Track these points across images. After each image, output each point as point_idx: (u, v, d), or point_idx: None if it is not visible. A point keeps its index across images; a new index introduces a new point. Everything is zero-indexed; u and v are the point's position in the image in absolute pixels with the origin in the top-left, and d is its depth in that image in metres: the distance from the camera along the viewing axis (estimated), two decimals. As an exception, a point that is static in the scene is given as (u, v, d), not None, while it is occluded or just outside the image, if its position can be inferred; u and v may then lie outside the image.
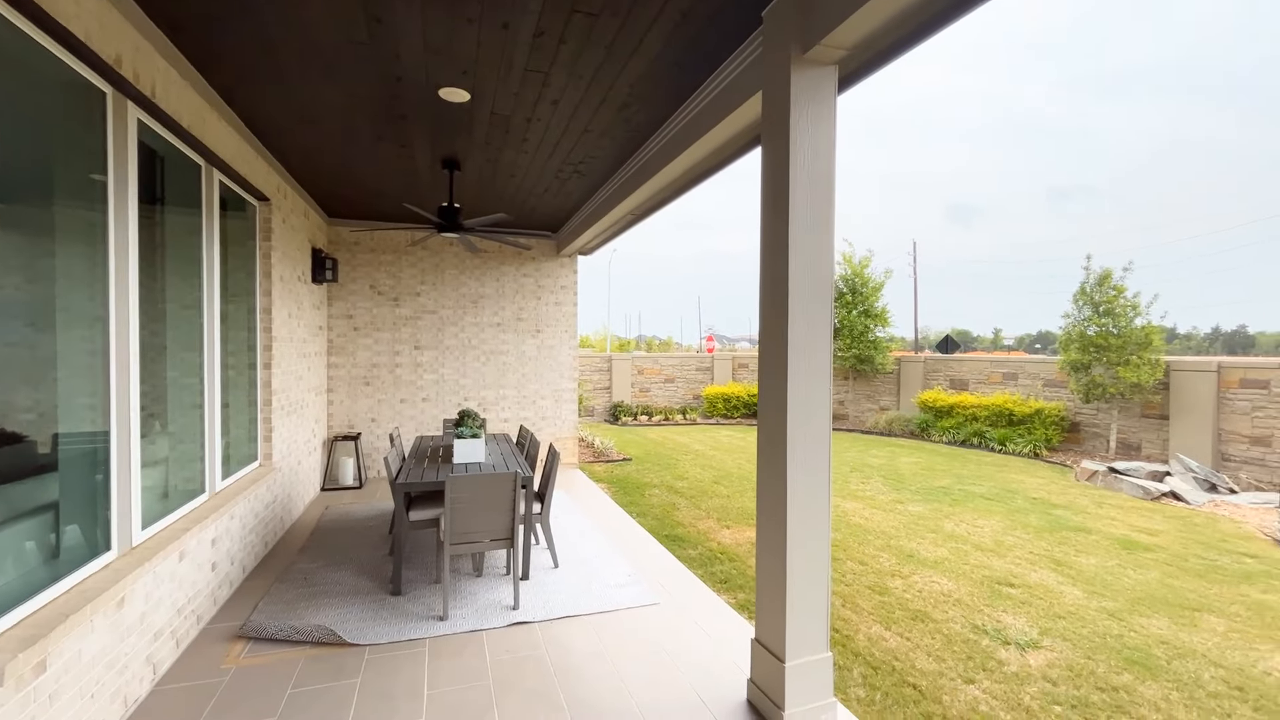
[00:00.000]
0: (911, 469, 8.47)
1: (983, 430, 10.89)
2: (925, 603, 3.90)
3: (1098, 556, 4.88)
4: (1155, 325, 9.11)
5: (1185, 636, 3.51)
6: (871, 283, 13.88)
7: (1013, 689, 2.90)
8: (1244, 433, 8.38)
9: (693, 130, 3.41)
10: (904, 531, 5.46)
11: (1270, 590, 4.23)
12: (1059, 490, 7.33)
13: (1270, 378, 8.16)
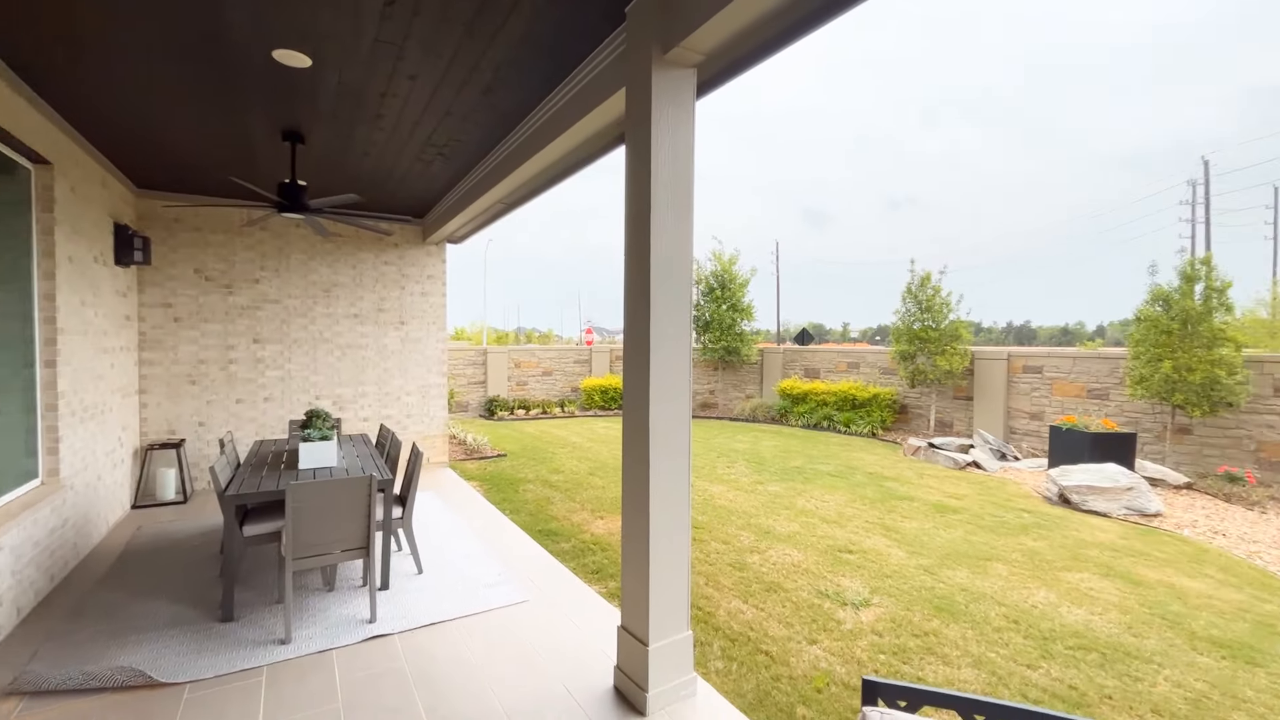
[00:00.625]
0: (772, 452, 9.18)
1: (831, 414, 12.10)
2: (779, 574, 4.27)
3: (918, 521, 5.65)
4: (964, 320, 10.69)
5: (979, 583, 4.19)
6: (739, 279, 14.77)
7: (848, 645, 3.28)
8: (1025, 410, 10.15)
9: (561, 120, 3.37)
10: (763, 510, 5.91)
11: (1039, 539, 5.18)
12: (890, 465, 8.37)
13: (1042, 364, 9.97)
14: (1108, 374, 9.09)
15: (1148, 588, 4.15)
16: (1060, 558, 4.72)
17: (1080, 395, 9.49)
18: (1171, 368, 7.50)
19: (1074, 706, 2.78)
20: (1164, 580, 4.29)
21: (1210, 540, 5.28)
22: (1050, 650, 3.28)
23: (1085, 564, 4.59)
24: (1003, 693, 2.89)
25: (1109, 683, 2.97)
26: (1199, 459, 8.05)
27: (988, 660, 3.16)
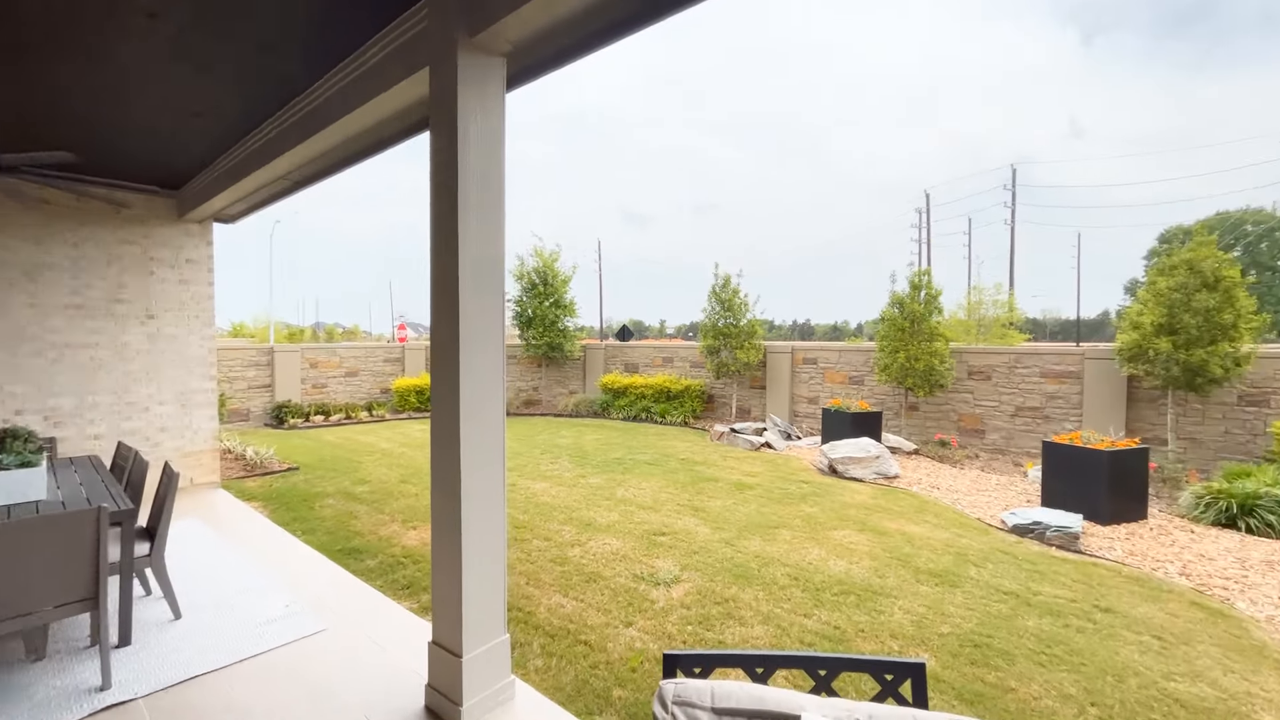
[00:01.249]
0: (594, 445, 9.42)
1: (649, 406, 12.82)
2: (599, 564, 4.41)
3: (721, 499, 6.26)
4: (759, 319, 12.09)
5: (769, 549, 4.79)
6: (561, 276, 14.84)
7: (660, 622, 3.51)
8: (805, 395, 11.85)
9: (359, 93, 3.04)
10: (584, 503, 6.05)
11: (815, 505, 6.10)
12: (699, 450, 9.15)
13: (817, 356, 11.73)
14: (863, 364, 11.02)
15: (889, 536, 5.14)
16: (830, 519, 5.61)
17: (844, 382, 11.35)
18: (905, 358, 9.36)
19: (837, 643, 3.33)
20: (899, 529, 5.35)
21: (929, 493, 6.72)
22: (821, 599, 3.89)
23: (847, 523, 5.52)
24: (785, 642, 3.34)
25: (862, 619, 3.62)
26: (923, 430, 10.17)
27: (775, 615, 3.64)
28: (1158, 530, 5.40)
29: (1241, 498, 5.43)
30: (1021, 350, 9.71)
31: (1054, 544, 5.03)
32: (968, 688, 2.91)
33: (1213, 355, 7.09)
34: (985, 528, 5.48)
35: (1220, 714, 2.73)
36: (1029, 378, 9.33)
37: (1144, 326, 7.66)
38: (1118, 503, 5.58)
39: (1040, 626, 3.54)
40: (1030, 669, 3.09)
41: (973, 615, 3.67)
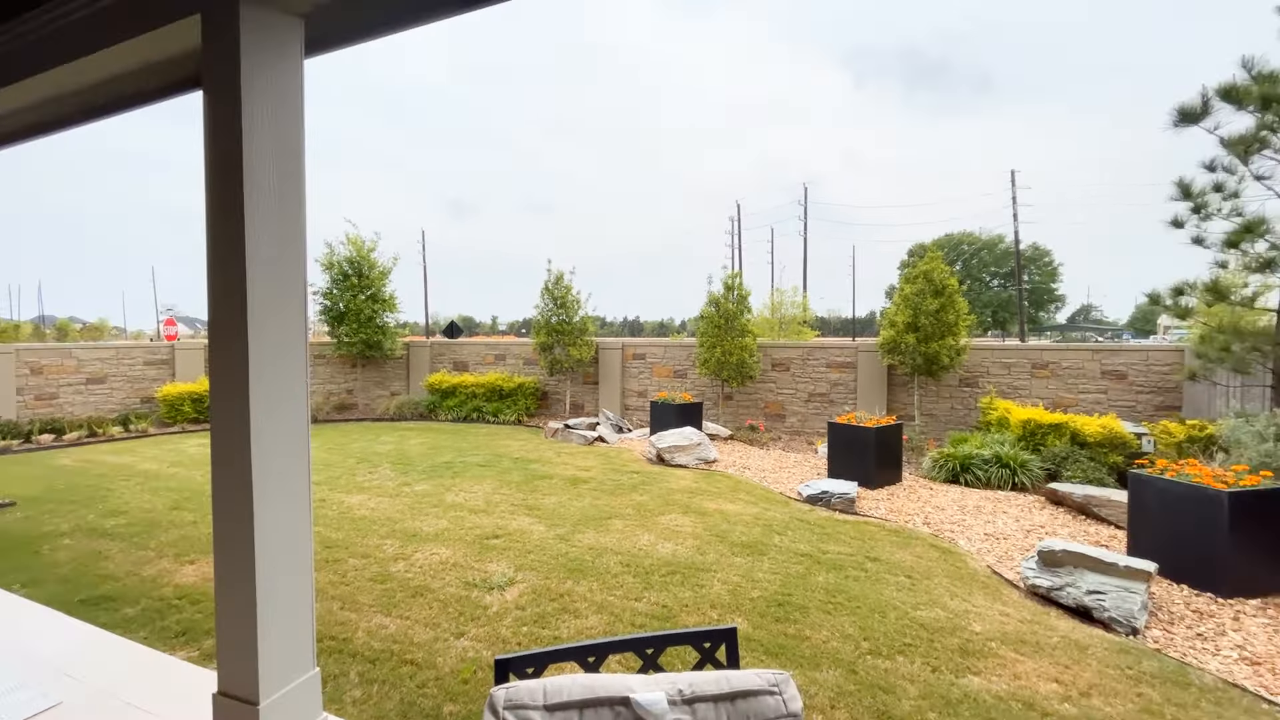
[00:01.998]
0: (419, 449, 8.81)
1: (480, 405, 12.35)
2: (426, 576, 4.15)
3: (556, 495, 6.29)
4: (591, 316, 12.33)
5: (602, 539, 4.94)
6: (380, 268, 13.56)
7: (494, 628, 3.43)
8: (635, 389, 12.40)
9: (94, 30, 2.44)
10: (409, 512, 5.64)
11: (644, 493, 6.43)
12: (534, 448, 9.07)
13: (646, 352, 12.34)
14: (686, 358, 11.87)
15: (709, 516, 5.62)
16: (658, 506, 5.96)
17: (670, 375, 12.11)
18: (721, 352, 10.28)
19: (665, 621, 3.57)
20: (718, 508, 5.88)
21: (742, 474, 7.49)
22: (650, 582, 4.12)
23: (673, 507, 5.92)
24: (619, 628, 3.49)
25: (687, 595, 3.93)
26: (737, 417, 11.29)
27: (608, 604, 3.77)
28: (909, 490, 6.68)
29: (961, 459, 6.97)
30: (813, 345, 11.27)
31: (837, 509, 5.95)
32: (774, 642, 3.33)
33: (942, 348, 8.96)
34: (786, 500, 6.28)
35: (949, 628, 3.49)
36: (818, 368, 10.86)
37: (897, 325, 9.38)
38: (882, 470, 6.78)
39: (828, 580, 4.17)
40: (820, 618, 3.63)
41: (776, 578, 4.19)
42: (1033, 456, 6.82)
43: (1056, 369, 9.40)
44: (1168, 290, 6.36)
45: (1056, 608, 3.82)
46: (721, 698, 1.31)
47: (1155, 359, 8.93)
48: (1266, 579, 3.95)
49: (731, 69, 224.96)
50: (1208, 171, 6.09)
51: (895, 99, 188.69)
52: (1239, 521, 3.87)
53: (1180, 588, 4.05)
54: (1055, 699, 2.82)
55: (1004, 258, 46.28)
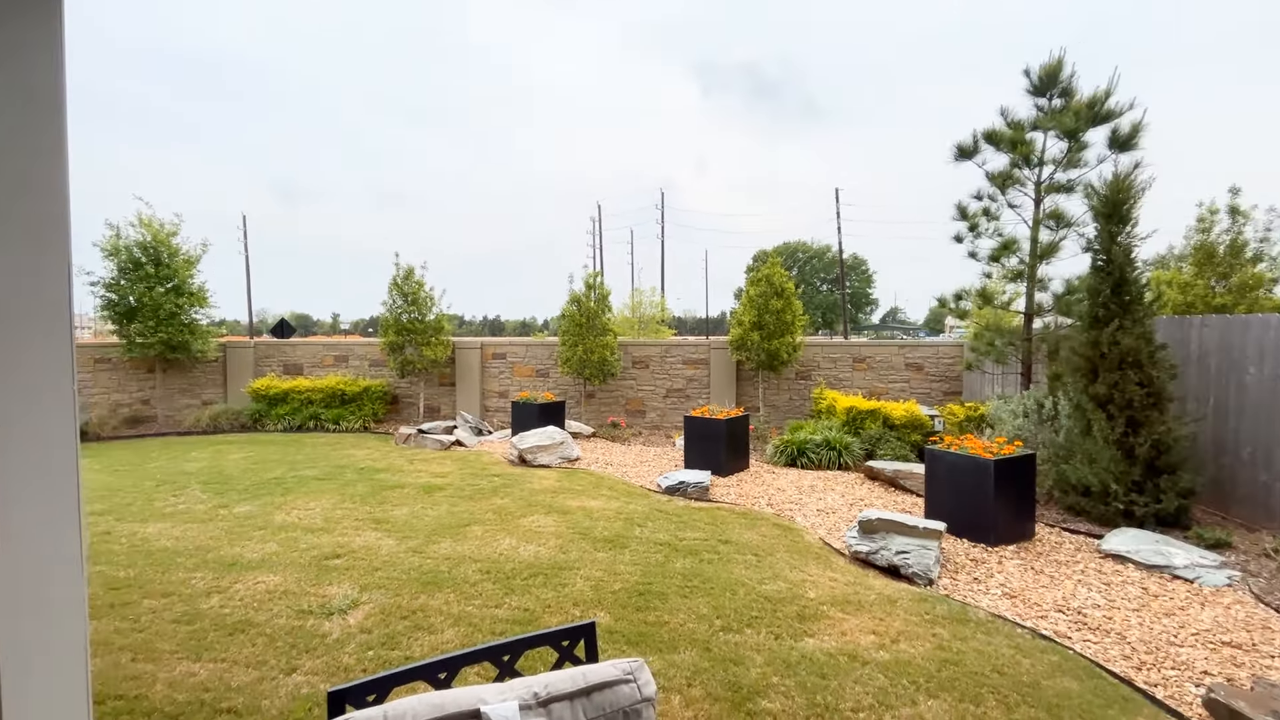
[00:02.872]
0: (240, 466, 7.69)
1: (319, 412, 11.12)
2: (248, 609, 3.64)
3: (408, 505, 5.87)
4: (446, 314, 11.68)
5: (460, 548, 4.71)
6: (183, 255, 11.56)
7: (334, 657, 3.11)
8: (496, 390, 12.00)
9: None
10: (227, 539, 4.90)
11: (506, 496, 6.25)
12: (382, 456, 8.38)
13: (506, 351, 12.00)
14: (548, 357, 11.75)
15: (572, 514, 5.63)
16: (520, 508, 5.83)
17: (532, 375, 11.91)
18: (582, 350, 10.34)
19: (528, 624, 3.50)
20: (580, 506, 5.91)
21: (604, 470, 7.61)
22: (512, 586, 4.02)
23: (536, 508, 5.82)
24: (478, 637, 3.35)
25: (550, 595, 3.89)
26: (600, 414, 11.43)
27: (466, 615, 3.60)
28: (755, 475, 7.28)
29: (798, 444, 7.74)
30: (670, 343, 11.79)
31: (693, 497, 6.29)
32: (635, 632, 3.42)
33: (782, 344, 9.88)
34: (646, 493, 6.50)
35: (789, 598, 3.86)
36: (675, 365, 11.39)
37: (744, 323, 10.16)
38: (732, 458, 7.30)
39: (685, 566, 4.39)
40: (679, 602, 3.81)
41: (637, 569, 4.32)
42: (854, 439, 7.79)
43: (872, 362, 10.84)
44: (951, 295, 7.66)
45: (874, 569, 4.40)
46: (578, 694, 1.31)
47: (944, 353, 10.69)
48: (1018, 527, 4.92)
49: (596, 72, 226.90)
50: (977, 200, 7.43)
51: (738, 113, 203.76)
52: (1000, 484, 4.78)
53: (963, 541, 4.90)
54: (873, 648, 3.25)
55: (831, 265, 52.26)
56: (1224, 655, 3.17)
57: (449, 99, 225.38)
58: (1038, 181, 6.87)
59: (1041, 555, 4.62)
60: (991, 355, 7.21)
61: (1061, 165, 6.74)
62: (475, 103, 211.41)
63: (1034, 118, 6.75)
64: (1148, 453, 4.96)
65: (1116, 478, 5.02)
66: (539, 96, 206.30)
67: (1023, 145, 6.67)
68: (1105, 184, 5.38)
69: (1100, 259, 5.29)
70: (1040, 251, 6.81)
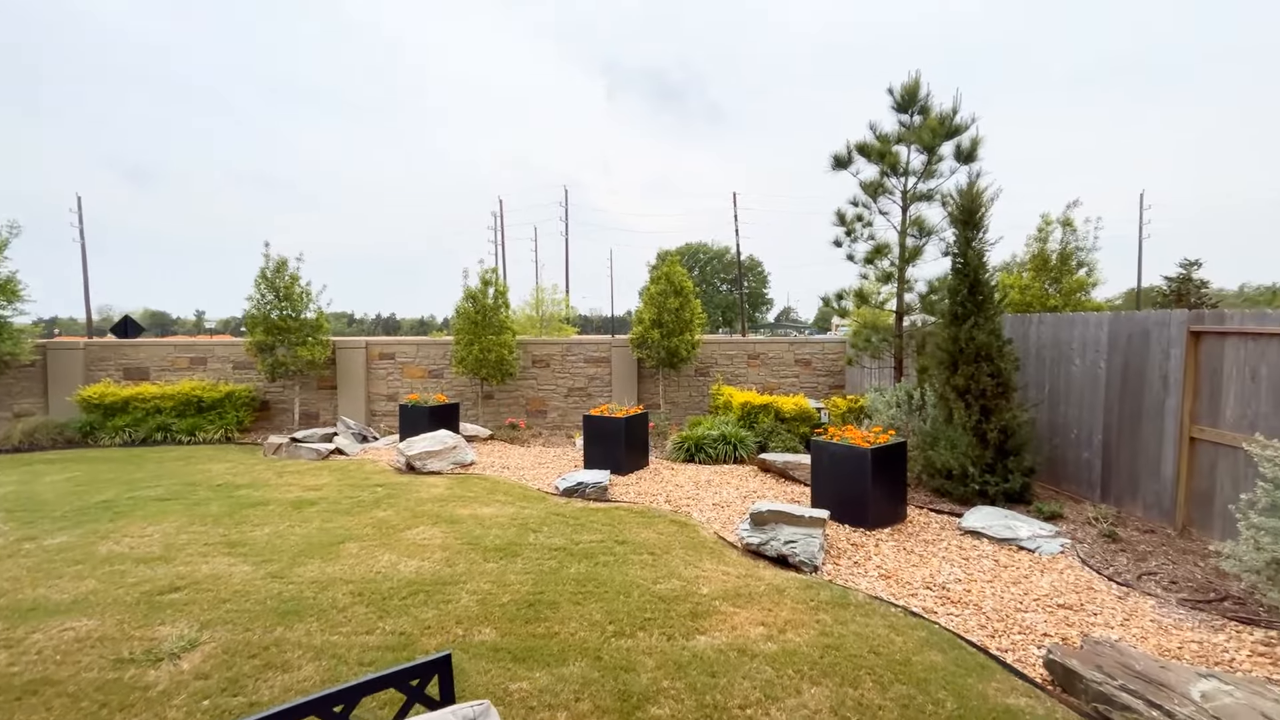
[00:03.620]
0: (60, 488, 6.52)
1: (168, 423, 9.75)
2: (49, 664, 3.02)
3: (272, 525, 5.24)
4: (326, 311, 10.68)
5: (330, 569, 4.25)
6: (-20, 239, 9.66)
7: (158, 712, 2.64)
8: (383, 392, 11.17)
9: None
10: (30, 578, 4.08)
11: (389, 508, 5.77)
12: (246, 470, 7.47)
13: (395, 351, 11.21)
14: (442, 357, 11.11)
15: (462, 523, 5.29)
16: (404, 520, 5.40)
17: (425, 376, 11.21)
18: (479, 349, 9.87)
19: (401, 652, 3.19)
20: (472, 514, 5.58)
21: (501, 474, 7.28)
22: (388, 608, 3.67)
23: (422, 519, 5.42)
24: (343, 671, 3.00)
25: (429, 615, 3.59)
26: (498, 415, 10.99)
27: (331, 646, 3.23)
28: (655, 472, 7.29)
29: (696, 440, 7.87)
30: (571, 341, 11.58)
31: (592, 498, 6.16)
32: (522, 646, 3.23)
33: (681, 342, 10.02)
34: (543, 496, 6.28)
35: (683, 596, 3.84)
36: (577, 364, 11.21)
37: (644, 321, 10.20)
38: (631, 456, 7.26)
39: (579, 571, 4.25)
40: (571, 610, 3.66)
41: (529, 578, 4.11)
42: (749, 433, 8.05)
43: (765, 359, 11.31)
44: (833, 295, 8.14)
45: (764, 560, 4.51)
46: (415, 747, 1.13)
47: (829, 349, 11.38)
48: (893, 511, 5.28)
49: (501, 63, 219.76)
50: (853, 206, 7.94)
51: (642, 115, 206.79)
52: (876, 471, 5.09)
53: (845, 526, 5.17)
54: (762, 639, 3.29)
55: (730, 266, 54.37)
56: (1059, 617, 3.55)
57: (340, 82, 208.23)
58: (904, 191, 7.44)
59: (912, 536, 4.98)
60: (869, 351, 7.73)
61: (922, 177, 7.35)
62: (369, 83, 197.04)
63: (898, 132, 7.31)
64: (997, 437, 5.52)
65: (973, 461, 5.54)
66: (436, 84, 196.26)
67: (889, 156, 7.20)
68: (960, 194, 5.92)
69: (958, 261, 5.81)
70: (907, 255, 7.38)
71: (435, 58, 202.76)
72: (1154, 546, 4.57)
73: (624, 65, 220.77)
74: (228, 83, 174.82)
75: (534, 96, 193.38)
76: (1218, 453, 4.57)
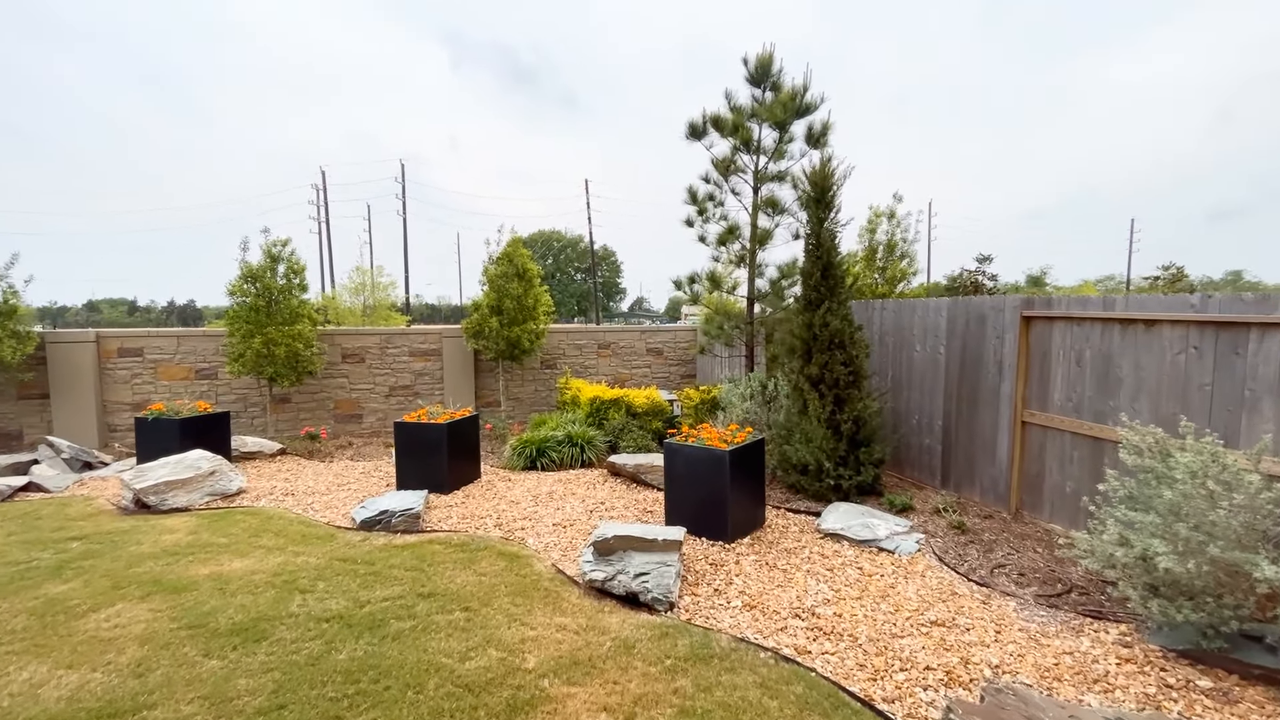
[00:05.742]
0: None
1: None
2: None
3: None
4: (16, 291, 7.75)
5: (-99, 714, 2.54)
6: None
7: None
8: (130, 401, 8.50)
9: None
10: None
11: (75, 576, 3.95)
12: None
13: (143, 346, 8.57)
14: (215, 353, 8.73)
15: (191, 591, 3.72)
16: (95, 595, 3.67)
17: (190, 377, 8.74)
18: (261, 343, 7.80)
19: None
20: (214, 572, 4.00)
21: (280, 504, 5.60)
22: (-18, 785, 2.16)
23: (127, 590, 3.73)
24: None
25: (65, 784, 2.16)
26: (297, 423, 8.93)
27: None
28: (487, 486, 6.12)
29: (538, 443, 6.84)
30: (391, 331, 9.81)
31: (399, 530, 4.86)
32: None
33: (524, 332, 8.88)
34: (332, 533, 4.82)
35: (499, 678, 2.82)
36: (400, 357, 9.51)
37: (482, 308, 8.88)
38: (457, 469, 6.02)
39: (355, 655, 3.02)
40: (327, 728, 2.46)
41: (269, 679, 2.80)
42: (598, 432, 7.21)
43: (616, 348, 10.59)
44: (685, 279, 7.58)
45: (611, 599, 3.66)
46: None
47: (680, 338, 10.98)
48: (752, 516, 4.76)
49: (316, 19, 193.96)
50: (705, 183, 7.43)
51: (491, 95, 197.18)
52: (735, 474, 4.51)
53: (702, 541, 4.52)
54: (603, 733, 2.41)
55: (584, 255, 53.67)
56: (935, 639, 3.15)
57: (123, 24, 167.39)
58: (756, 170, 7.07)
59: (773, 545, 4.47)
60: (720, 339, 7.29)
61: (773, 156, 7.03)
62: (159, 34, 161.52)
63: (751, 106, 6.89)
64: (850, 429, 5.26)
65: (828, 455, 5.23)
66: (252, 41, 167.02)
67: (743, 130, 6.75)
68: (812, 171, 5.56)
69: (811, 243, 5.46)
70: (758, 237, 7.03)
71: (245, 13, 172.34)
72: (996, 534, 4.53)
73: (472, 38, 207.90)
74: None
75: (372, 65, 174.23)
76: (1046, 436, 4.66)
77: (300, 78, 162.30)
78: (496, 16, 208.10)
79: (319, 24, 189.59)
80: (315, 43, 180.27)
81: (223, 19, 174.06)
